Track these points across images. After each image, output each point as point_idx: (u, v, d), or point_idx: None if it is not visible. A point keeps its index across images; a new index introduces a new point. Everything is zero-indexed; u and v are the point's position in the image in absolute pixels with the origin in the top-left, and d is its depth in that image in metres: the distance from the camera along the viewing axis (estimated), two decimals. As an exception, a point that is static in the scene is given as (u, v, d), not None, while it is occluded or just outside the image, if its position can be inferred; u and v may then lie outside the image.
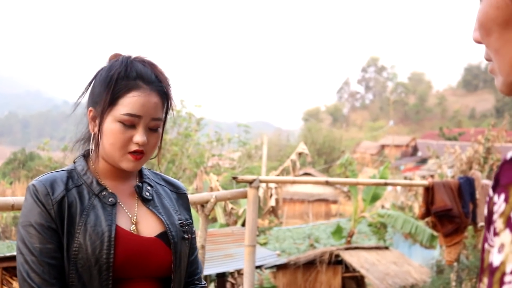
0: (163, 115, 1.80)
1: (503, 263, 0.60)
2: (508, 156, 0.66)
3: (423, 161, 47.18)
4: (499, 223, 0.63)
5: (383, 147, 64.55)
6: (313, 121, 67.94)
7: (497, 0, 0.77)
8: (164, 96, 1.80)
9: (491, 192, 0.67)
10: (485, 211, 0.67)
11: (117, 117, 1.70)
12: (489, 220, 0.65)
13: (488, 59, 0.82)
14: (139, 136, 1.71)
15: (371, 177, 17.58)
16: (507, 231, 0.61)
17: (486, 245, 0.65)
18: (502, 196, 0.64)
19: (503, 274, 0.60)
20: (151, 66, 1.80)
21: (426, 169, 36.59)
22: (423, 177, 25.06)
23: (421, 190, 6.84)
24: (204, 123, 19.59)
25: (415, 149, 56.21)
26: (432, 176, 25.49)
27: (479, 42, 0.82)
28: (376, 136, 75.62)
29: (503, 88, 0.81)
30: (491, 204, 0.66)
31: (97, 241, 1.64)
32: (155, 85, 1.76)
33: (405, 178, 35.04)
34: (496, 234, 0.63)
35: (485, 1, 0.80)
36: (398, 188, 25.64)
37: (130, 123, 1.71)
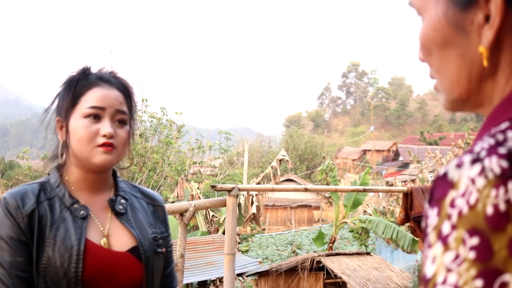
0: (128, 111, 1.80)
1: (435, 274, 0.64)
2: (441, 172, 0.69)
3: (405, 165, 47.51)
4: (432, 236, 0.66)
5: (364, 152, 64.84)
6: (294, 127, 68.04)
7: (435, 21, 0.81)
8: (126, 93, 1.81)
9: (426, 206, 0.70)
10: (423, 225, 0.70)
11: (82, 112, 1.70)
12: (425, 234, 0.69)
13: (432, 77, 0.86)
14: (105, 128, 1.69)
15: (353, 182, 17.62)
16: (439, 243, 0.65)
17: (423, 258, 0.69)
18: (435, 210, 0.67)
19: (435, 284, 0.64)
20: (110, 72, 1.82)
21: (408, 174, 36.87)
22: (405, 182, 25.22)
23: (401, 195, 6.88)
24: (185, 130, 19.53)
25: (397, 154, 56.58)
26: (413, 180, 25.69)
27: (423, 61, 0.86)
28: (357, 141, 76.00)
29: (446, 105, 0.85)
30: (426, 218, 0.69)
31: (65, 254, 1.62)
32: (115, 83, 1.79)
33: (387, 183, 35.28)
34: (429, 246, 0.66)
35: (424, 23, 0.83)
36: (380, 193, 25.78)
37: (94, 115, 1.70)
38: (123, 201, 1.83)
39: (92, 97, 1.72)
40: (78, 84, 1.74)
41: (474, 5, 0.76)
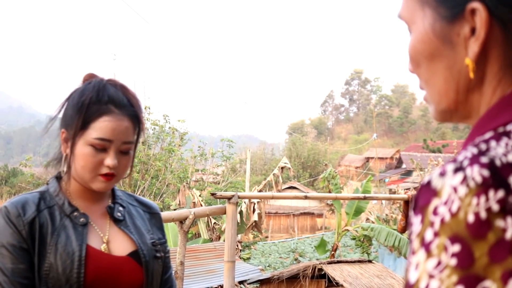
0: (134, 138, 1.82)
1: (418, 280, 0.66)
2: (426, 180, 0.71)
3: (408, 173, 47.44)
4: (415, 243, 0.68)
5: (367, 159, 64.76)
6: (297, 134, 68.12)
7: (422, 34, 0.83)
8: (136, 120, 1.81)
9: (411, 213, 0.72)
10: (408, 232, 0.72)
11: (89, 141, 1.72)
12: (410, 241, 0.71)
13: (422, 88, 0.88)
14: (109, 160, 1.73)
15: (355, 190, 17.62)
16: (422, 250, 0.67)
17: (407, 264, 0.71)
18: (419, 217, 0.69)
19: None
20: (123, 89, 1.80)
21: (411, 181, 36.80)
22: (407, 190, 25.18)
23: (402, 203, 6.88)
24: (188, 137, 19.58)
25: (400, 162, 56.51)
26: (416, 188, 25.63)
27: (412, 73, 0.88)
28: (360, 149, 75.99)
29: (435, 115, 0.87)
30: (411, 225, 0.71)
31: (67, 260, 1.65)
32: (126, 109, 1.77)
33: (390, 190, 35.24)
34: (413, 253, 0.68)
35: (413, 35, 0.86)
36: (383, 200, 25.73)
37: (101, 147, 1.72)
38: (121, 208, 1.88)
39: (101, 128, 1.72)
40: (90, 108, 1.73)
41: (460, 18, 0.78)
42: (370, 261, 10.91)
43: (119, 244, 1.79)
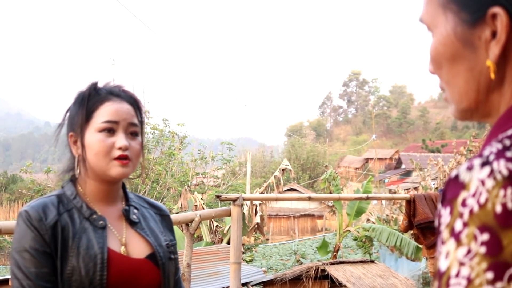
0: (139, 123, 1.87)
1: (449, 268, 0.70)
2: (453, 174, 0.75)
3: (407, 173, 47.46)
4: (445, 233, 0.73)
5: (367, 160, 64.77)
6: (296, 136, 68.11)
7: (444, 37, 0.87)
8: (135, 105, 1.88)
9: (439, 206, 0.77)
10: (436, 223, 0.76)
11: (96, 127, 1.77)
12: (439, 231, 0.75)
13: (442, 89, 0.92)
14: (120, 141, 1.76)
15: (355, 191, 17.64)
16: (452, 240, 0.71)
17: (437, 254, 0.75)
18: (448, 209, 0.73)
19: (449, 277, 0.70)
20: (117, 86, 1.89)
21: (410, 182, 36.82)
22: (407, 190, 25.19)
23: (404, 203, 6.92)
24: (187, 141, 19.55)
25: (399, 162, 56.52)
26: (416, 188, 25.68)
27: (433, 74, 0.92)
28: (359, 150, 75.99)
29: (456, 114, 0.92)
30: (439, 217, 0.75)
31: (90, 263, 1.69)
32: (125, 97, 1.86)
33: (390, 191, 35.25)
34: (443, 243, 0.73)
35: (435, 38, 0.90)
36: (383, 201, 25.74)
37: (109, 130, 1.77)
38: (135, 210, 1.92)
39: (106, 112, 1.78)
40: (90, 100, 1.80)
41: (482, 22, 0.82)
42: (372, 261, 10.92)
43: (136, 247, 1.83)
